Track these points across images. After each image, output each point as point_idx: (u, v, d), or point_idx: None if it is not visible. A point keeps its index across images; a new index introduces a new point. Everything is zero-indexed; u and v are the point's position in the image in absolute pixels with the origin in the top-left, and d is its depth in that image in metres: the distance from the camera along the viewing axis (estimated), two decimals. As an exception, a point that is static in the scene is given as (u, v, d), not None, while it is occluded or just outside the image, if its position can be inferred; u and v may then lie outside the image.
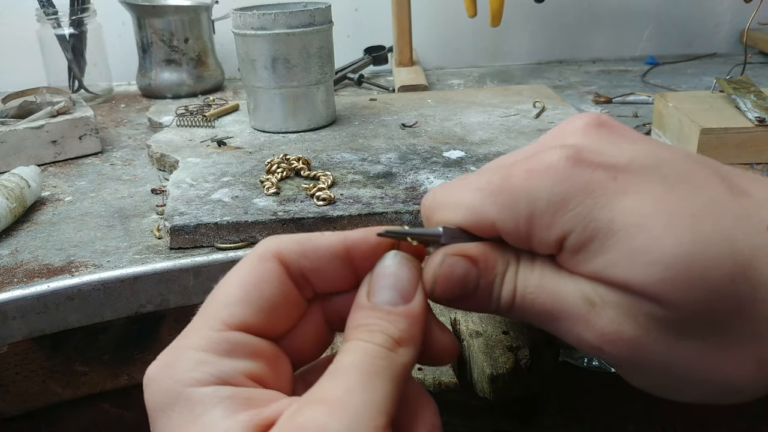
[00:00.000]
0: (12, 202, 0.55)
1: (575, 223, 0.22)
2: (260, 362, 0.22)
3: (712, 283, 0.21)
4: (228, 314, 0.22)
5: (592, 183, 0.22)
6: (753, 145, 0.59)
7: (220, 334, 0.22)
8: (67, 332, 0.48)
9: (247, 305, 0.23)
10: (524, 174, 0.23)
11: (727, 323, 0.21)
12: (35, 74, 0.94)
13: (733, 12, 1.14)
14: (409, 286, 0.23)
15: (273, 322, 0.23)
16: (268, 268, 0.24)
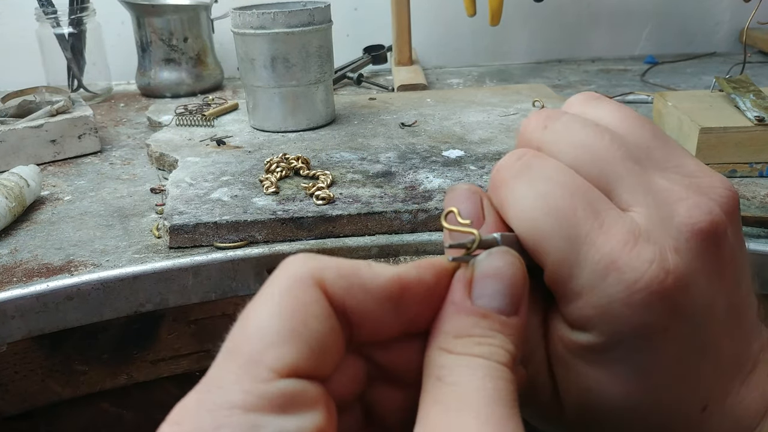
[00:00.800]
0: (11, 202, 0.55)
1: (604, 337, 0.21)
2: (321, 411, 0.17)
3: None
4: (275, 358, 0.17)
5: (650, 327, 0.21)
6: (752, 145, 0.59)
7: (270, 385, 0.17)
8: (66, 331, 0.48)
9: (295, 344, 0.17)
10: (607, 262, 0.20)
11: None
12: (34, 73, 0.94)
13: (732, 11, 1.14)
14: (520, 293, 0.20)
15: (323, 364, 0.18)
16: (312, 298, 0.18)
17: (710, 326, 0.22)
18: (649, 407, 0.22)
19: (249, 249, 0.50)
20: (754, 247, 0.48)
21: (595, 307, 0.21)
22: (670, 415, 0.22)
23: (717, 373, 0.22)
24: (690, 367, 0.22)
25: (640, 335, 0.21)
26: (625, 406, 0.22)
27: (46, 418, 0.52)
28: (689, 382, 0.22)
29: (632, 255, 0.20)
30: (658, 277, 0.20)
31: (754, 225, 0.50)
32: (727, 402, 0.23)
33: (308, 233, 0.51)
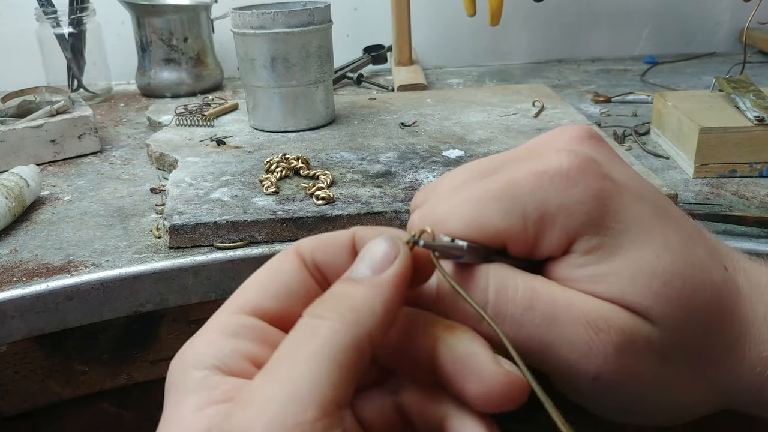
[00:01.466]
0: (11, 202, 0.55)
1: (588, 227, 0.22)
2: (266, 348, 0.21)
3: (698, 305, 0.23)
4: (245, 299, 0.23)
5: (603, 191, 0.23)
6: (752, 145, 0.59)
7: (232, 316, 0.22)
8: (66, 331, 0.48)
9: (262, 291, 0.23)
10: (531, 177, 0.23)
11: (697, 347, 0.24)
12: (34, 73, 0.94)
13: (732, 11, 1.14)
14: (384, 259, 0.22)
15: (289, 310, 0.23)
16: (285, 259, 0.24)
17: (658, 196, 0.24)
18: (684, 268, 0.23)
19: (249, 249, 0.50)
20: (754, 247, 0.48)
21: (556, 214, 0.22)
22: (707, 271, 0.23)
23: (707, 238, 0.25)
24: (676, 225, 0.24)
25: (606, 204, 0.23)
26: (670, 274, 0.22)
27: (46, 418, 0.52)
28: (690, 240, 0.24)
29: (543, 160, 0.23)
30: (571, 156, 0.23)
31: (754, 225, 0.50)
32: (742, 265, 0.25)
33: (308, 233, 0.51)
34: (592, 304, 0.22)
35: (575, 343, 0.22)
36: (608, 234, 0.23)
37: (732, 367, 0.24)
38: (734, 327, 0.24)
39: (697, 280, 0.23)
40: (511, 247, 0.23)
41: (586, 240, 0.23)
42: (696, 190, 0.58)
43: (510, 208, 0.23)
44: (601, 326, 0.22)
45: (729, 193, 0.57)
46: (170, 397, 0.21)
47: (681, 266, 0.23)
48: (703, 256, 0.24)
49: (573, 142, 0.25)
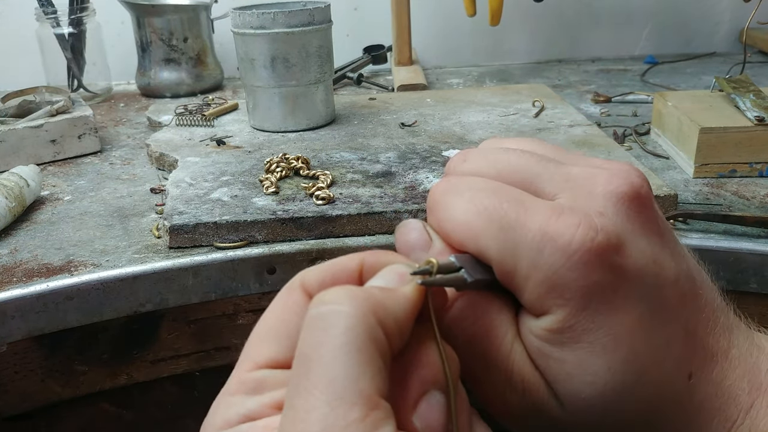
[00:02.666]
0: (11, 202, 0.55)
1: (564, 310, 0.22)
2: None
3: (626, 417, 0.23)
4: (257, 353, 0.22)
5: (596, 287, 0.22)
6: (752, 145, 0.59)
7: (249, 374, 0.21)
8: (66, 331, 0.48)
9: (274, 340, 0.22)
10: (538, 236, 0.22)
11: None
12: (34, 73, 0.94)
13: (732, 11, 1.14)
14: (401, 278, 0.22)
15: None
16: (294, 300, 0.23)
17: (665, 288, 0.23)
18: (636, 381, 0.22)
19: (249, 249, 0.50)
20: (754, 247, 0.48)
21: (543, 282, 0.22)
22: (660, 386, 0.23)
23: (691, 339, 0.23)
24: (659, 330, 0.23)
25: (594, 299, 0.22)
26: (613, 384, 0.22)
27: (45, 418, 0.52)
28: (665, 348, 0.23)
29: (560, 223, 0.22)
30: (588, 235, 0.21)
31: (754, 225, 0.50)
32: (714, 373, 0.24)
33: (308, 233, 0.51)
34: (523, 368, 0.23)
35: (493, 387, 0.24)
36: (575, 327, 0.22)
37: None
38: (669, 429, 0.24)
39: (640, 398, 0.23)
40: (497, 276, 0.24)
41: (552, 319, 0.22)
42: (696, 190, 0.58)
43: (508, 249, 0.22)
44: (518, 389, 0.23)
45: (729, 193, 0.57)
46: None
47: (628, 385, 0.22)
48: (668, 367, 0.23)
49: (611, 204, 0.23)
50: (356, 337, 0.18)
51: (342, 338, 0.18)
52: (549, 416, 0.24)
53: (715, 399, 0.24)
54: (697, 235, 0.50)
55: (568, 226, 0.22)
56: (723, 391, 0.24)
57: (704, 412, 0.24)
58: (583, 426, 0.24)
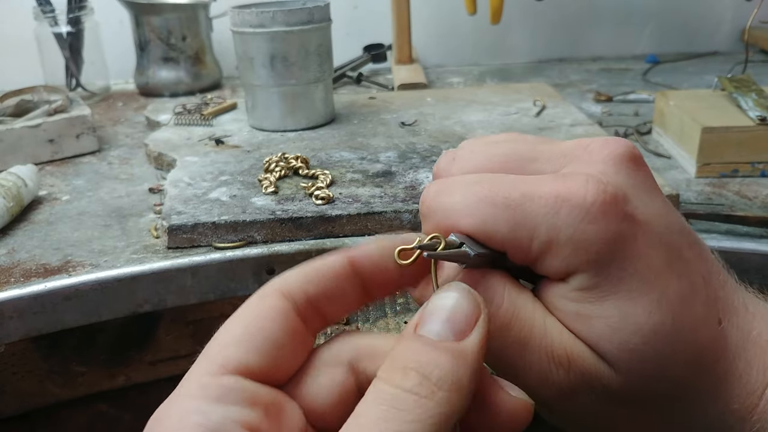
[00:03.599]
0: (9, 201, 0.54)
1: (590, 266, 0.22)
2: (258, 410, 0.20)
3: (673, 364, 0.23)
4: (225, 356, 0.20)
5: (618, 235, 0.22)
6: (754, 144, 0.58)
7: (214, 378, 0.20)
8: (64, 332, 0.47)
9: (246, 345, 0.21)
10: (551, 200, 0.22)
11: (665, 399, 0.23)
12: (32, 73, 0.93)
13: (734, 10, 1.14)
14: (466, 321, 0.20)
15: (277, 364, 0.21)
16: (269, 305, 0.21)
17: (675, 235, 0.24)
18: (672, 324, 0.22)
19: (248, 249, 0.49)
20: (756, 247, 0.48)
21: (567, 242, 0.22)
22: (695, 331, 0.23)
23: (710, 288, 0.24)
24: (683, 275, 0.23)
25: (618, 248, 0.22)
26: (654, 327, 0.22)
27: (43, 419, 0.52)
28: (691, 293, 0.23)
29: (569, 185, 0.22)
30: (599, 188, 0.22)
31: (756, 225, 0.49)
32: (739, 322, 0.24)
33: (307, 233, 0.51)
34: (563, 340, 0.23)
35: (535, 370, 0.23)
36: (608, 278, 0.22)
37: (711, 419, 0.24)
38: (712, 382, 0.24)
39: (681, 341, 0.23)
40: (510, 255, 0.23)
41: (584, 277, 0.22)
42: (698, 190, 0.57)
43: (521, 223, 0.22)
44: (563, 363, 0.22)
45: (731, 192, 0.57)
46: None
47: (668, 327, 0.22)
48: (699, 311, 0.23)
49: (611, 164, 0.23)
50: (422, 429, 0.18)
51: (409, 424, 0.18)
52: (600, 384, 0.23)
53: (748, 347, 0.24)
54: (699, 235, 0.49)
55: (577, 184, 0.22)
56: (752, 340, 0.24)
57: (741, 361, 0.24)
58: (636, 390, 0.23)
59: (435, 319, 0.20)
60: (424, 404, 0.18)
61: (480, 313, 0.20)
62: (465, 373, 0.19)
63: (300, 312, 0.22)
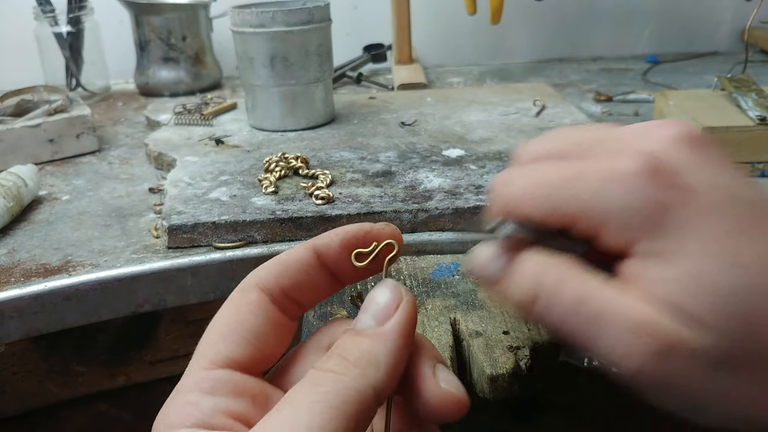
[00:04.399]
0: (9, 201, 0.54)
1: (647, 232, 0.23)
2: (245, 400, 0.22)
3: (757, 323, 0.22)
4: (214, 352, 0.23)
5: (666, 201, 0.23)
6: (754, 144, 0.58)
7: (205, 372, 0.22)
8: (64, 332, 0.47)
9: (231, 340, 0.23)
10: (599, 175, 0.23)
11: (755, 363, 0.23)
12: (32, 72, 0.93)
13: (734, 10, 1.14)
14: (386, 310, 0.23)
15: (262, 354, 0.24)
16: (249, 300, 0.24)
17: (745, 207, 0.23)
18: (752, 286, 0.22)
19: (248, 249, 0.49)
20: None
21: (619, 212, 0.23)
22: None
23: None
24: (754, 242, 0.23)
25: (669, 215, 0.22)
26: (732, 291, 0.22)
27: (43, 419, 0.52)
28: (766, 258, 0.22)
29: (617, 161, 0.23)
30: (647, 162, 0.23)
31: (757, 225, 0.49)
32: None
33: (307, 233, 0.51)
34: (640, 309, 0.22)
35: (615, 345, 0.23)
36: (671, 240, 0.22)
37: None
38: None
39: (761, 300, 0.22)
40: (575, 232, 0.24)
41: (646, 243, 0.23)
42: (698, 190, 0.57)
43: (577, 197, 0.23)
44: (645, 332, 0.22)
45: (731, 192, 0.57)
46: None
47: (748, 285, 0.22)
48: None
49: (665, 143, 0.24)
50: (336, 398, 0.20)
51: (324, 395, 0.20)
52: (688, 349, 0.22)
53: None
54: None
55: (627, 160, 0.23)
56: None
57: None
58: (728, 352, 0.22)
59: (365, 313, 0.23)
60: (339, 379, 0.20)
61: (401, 299, 0.23)
62: (383, 351, 0.22)
63: (277, 303, 0.24)
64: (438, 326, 0.41)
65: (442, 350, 0.38)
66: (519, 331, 0.39)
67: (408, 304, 0.23)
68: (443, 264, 0.48)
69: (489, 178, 0.56)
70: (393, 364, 0.22)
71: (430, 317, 0.38)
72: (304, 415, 0.19)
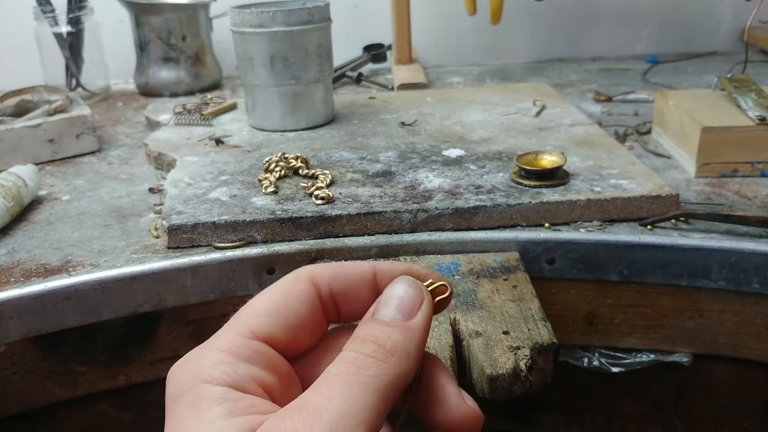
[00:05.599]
0: (9, 201, 0.54)
1: None
2: (275, 376, 0.24)
3: None
4: (257, 324, 0.24)
5: None
6: (754, 144, 0.58)
7: (244, 340, 0.24)
8: (64, 332, 0.48)
9: (275, 319, 0.24)
10: None
11: None
12: (32, 73, 0.93)
13: (733, 10, 1.14)
14: (412, 306, 0.24)
15: (296, 340, 0.25)
16: (301, 288, 0.25)
17: None
18: None
19: (248, 249, 0.49)
20: (756, 247, 0.48)
21: None
22: None
23: None
24: None
25: None
26: None
27: (43, 419, 0.52)
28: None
29: None
30: None
31: (756, 225, 0.49)
32: None
33: (307, 233, 0.51)
34: None
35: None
36: None
37: None
38: None
39: None
40: None
41: None
42: (698, 190, 0.57)
43: None
44: None
45: (731, 192, 0.57)
46: (182, 408, 0.22)
47: None
48: None
49: None
50: (379, 383, 0.22)
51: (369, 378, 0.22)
52: None
53: None
54: (699, 235, 0.49)
55: None
56: None
57: None
58: None
59: (388, 306, 0.24)
60: (380, 365, 0.22)
61: (424, 298, 0.24)
62: (411, 344, 0.23)
63: (323, 301, 0.26)
64: (438, 326, 0.40)
65: (442, 350, 0.38)
66: (519, 331, 0.39)
67: (429, 302, 0.25)
68: (443, 264, 0.48)
69: (489, 178, 0.56)
70: (418, 356, 0.23)
71: (429, 317, 0.38)
72: (356, 393, 0.21)
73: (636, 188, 0.53)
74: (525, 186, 0.54)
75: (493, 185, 0.55)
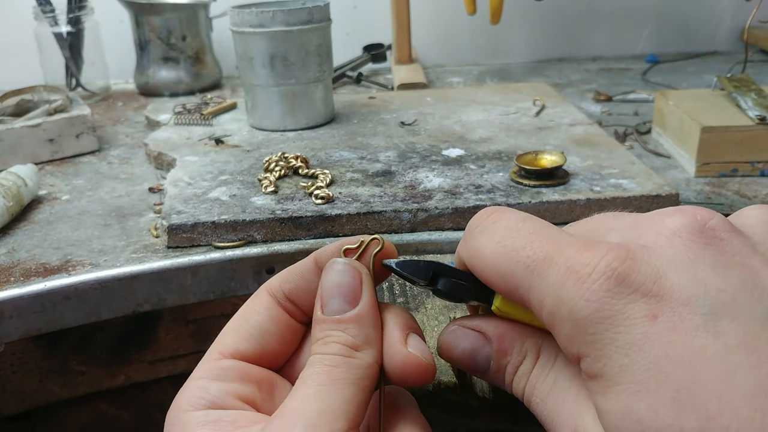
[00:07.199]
0: (9, 201, 0.54)
1: (590, 350, 0.20)
2: (252, 386, 0.25)
3: None
4: (223, 344, 0.26)
5: (622, 315, 0.19)
6: (754, 144, 0.58)
7: (214, 362, 0.25)
8: (64, 331, 0.48)
9: (238, 335, 0.26)
10: (564, 268, 0.20)
11: None
12: (32, 72, 0.93)
13: (733, 10, 1.14)
14: (353, 291, 0.25)
15: (268, 347, 0.26)
16: (258, 301, 0.27)
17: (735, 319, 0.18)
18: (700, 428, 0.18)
19: (248, 248, 0.49)
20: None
21: (566, 319, 0.20)
22: None
23: None
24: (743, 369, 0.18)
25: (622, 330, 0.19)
26: None
27: (43, 418, 0.52)
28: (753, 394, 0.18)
29: (587, 255, 0.20)
30: (613, 263, 0.19)
31: (756, 224, 0.49)
32: None
33: (307, 233, 0.51)
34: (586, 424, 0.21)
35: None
36: (610, 366, 0.19)
37: None
38: None
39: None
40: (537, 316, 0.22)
41: (587, 362, 0.20)
42: (698, 189, 0.58)
43: (535, 287, 0.21)
44: None
45: (731, 192, 0.57)
46: None
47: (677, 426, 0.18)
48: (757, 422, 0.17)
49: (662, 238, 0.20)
50: (353, 375, 0.23)
51: (342, 373, 0.23)
52: None
53: None
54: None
55: (594, 256, 0.20)
56: None
57: None
58: None
59: (332, 298, 0.24)
60: (350, 361, 0.23)
61: (361, 276, 0.25)
62: (370, 328, 0.24)
63: (283, 306, 0.27)
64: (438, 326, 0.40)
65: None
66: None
67: (367, 276, 0.25)
68: (443, 263, 0.48)
69: (489, 177, 0.56)
70: (379, 333, 0.24)
71: (429, 317, 0.38)
72: (331, 390, 0.22)
73: (636, 188, 0.53)
74: (525, 185, 0.54)
75: (493, 185, 0.55)
